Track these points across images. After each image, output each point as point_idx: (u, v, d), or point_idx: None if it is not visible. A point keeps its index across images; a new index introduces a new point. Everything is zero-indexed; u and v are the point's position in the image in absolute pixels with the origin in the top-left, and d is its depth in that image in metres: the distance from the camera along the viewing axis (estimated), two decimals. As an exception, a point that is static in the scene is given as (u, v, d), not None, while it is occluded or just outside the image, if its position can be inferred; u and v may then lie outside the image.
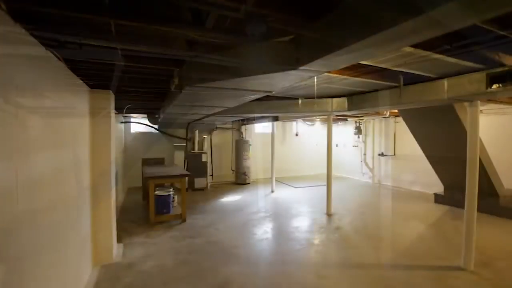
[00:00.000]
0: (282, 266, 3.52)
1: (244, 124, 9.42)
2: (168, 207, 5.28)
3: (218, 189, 8.54)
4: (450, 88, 3.32)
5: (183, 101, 3.38)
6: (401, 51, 2.43)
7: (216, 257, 3.77)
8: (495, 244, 4.16)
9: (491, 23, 1.85)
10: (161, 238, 4.39)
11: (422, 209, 6.09)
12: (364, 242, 4.28)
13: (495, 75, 2.83)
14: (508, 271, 3.35)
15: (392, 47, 1.47)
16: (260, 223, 5.19)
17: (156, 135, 8.90)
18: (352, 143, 10.35)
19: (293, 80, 2.15)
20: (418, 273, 3.33)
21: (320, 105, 4.96)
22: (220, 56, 2.34)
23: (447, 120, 5.17)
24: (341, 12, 1.38)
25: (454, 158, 5.62)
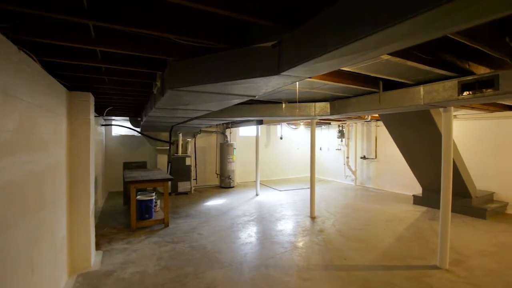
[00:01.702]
0: (265, 269, 3.53)
1: (229, 128, 9.40)
2: (150, 212, 5.16)
3: (202, 193, 8.45)
4: (426, 95, 3.47)
5: (166, 104, 3.33)
6: (379, 58, 2.52)
7: (199, 262, 3.72)
8: (468, 243, 4.36)
9: (461, 35, 1.96)
10: (143, 244, 4.28)
11: (402, 211, 6.29)
12: (347, 244, 4.36)
13: (466, 83, 2.99)
14: (480, 269, 3.52)
15: (370, 55, 1.52)
16: (244, 227, 5.18)
17: (139, 138, 8.71)
18: (336, 147, 10.56)
19: (275, 85, 2.18)
20: (397, 273, 3.43)
21: (304, 109, 5.04)
22: (202, 60, 2.34)
23: (424, 124, 5.40)
24: (320, 20, 1.42)
25: (430, 161, 5.86)
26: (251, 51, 2.05)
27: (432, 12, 0.91)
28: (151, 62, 2.87)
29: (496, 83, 2.70)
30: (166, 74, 2.74)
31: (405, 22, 1.01)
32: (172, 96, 2.80)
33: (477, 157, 6.46)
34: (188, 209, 6.45)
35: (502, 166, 6.17)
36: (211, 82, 2.30)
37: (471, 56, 2.99)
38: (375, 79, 3.79)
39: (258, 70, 1.94)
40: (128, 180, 4.86)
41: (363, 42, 1.23)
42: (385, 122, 6.37)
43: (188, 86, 2.40)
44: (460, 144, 6.29)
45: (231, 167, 9.11)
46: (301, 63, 1.56)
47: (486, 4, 0.89)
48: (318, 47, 1.41)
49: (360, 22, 1.18)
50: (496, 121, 6.29)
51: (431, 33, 1.16)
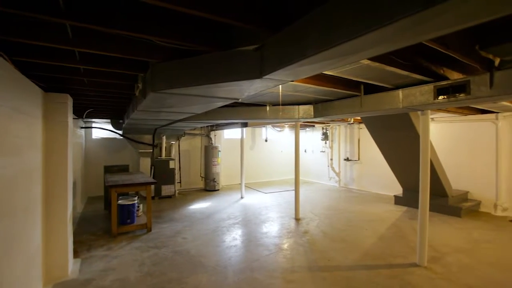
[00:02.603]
0: (250, 272, 3.51)
1: (214, 130, 9.34)
2: (132, 217, 5.02)
3: (187, 196, 8.33)
4: (405, 98, 3.60)
5: (148, 107, 3.27)
6: (360, 63, 2.59)
7: (183, 267, 3.65)
8: (445, 240, 4.54)
9: (435, 42, 2.05)
10: (124, 250, 4.16)
11: (383, 211, 6.47)
12: (330, 245, 4.42)
13: (441, 88, 3.13)
14: (455, 265, 3.67)
15: (350, 60, 1.56)
16: (229, 230, 5.14)
17: (120, 141, 8.49)
18: (320, 149, 10.73)
19: (258, 88, 2.19)
20: (379, 272, 3.51)
21: (288, 112, 5.10)
22: (184, 63, 2.32)
23: (404, 127, 5.59)
24: (300, 25, 1.45)
25: (410, 162, 6.07)
26: (234, 54, 2.05)
27: (405, 21, 0.95)
28: (133, 63, 2.81)
29: (468, 88, 2.84)
30: (148, 76, 2.69)
31: (381, 30, 1.05)
32: (154, 98, 2.75)
33: (453, 158, 6.75)
34: (172, 213, 6.33)
35: (475, 167, 6.48)
36: (194, 85, 2.28)
37: (446, 62, 3.13)
38: (356, 83, 3.89)
39: (240, 73, 1.95)
40: (109, 184, 4.71)
41: (342, 48, 1.26)
42: (367, 125, 6.54)
43: (170, 88, 2.37)
44: (437, 146, 6.55)
45: (216, 170, 9.05)
46: (283, 67, 1.58)
47: (453, 14, 0.94)
48: (299, 52, 1.44)
49: (339, 28, 1.21)
50: (469, 124, 6.61)
51: (405, 40, 1.21)
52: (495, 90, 2.63)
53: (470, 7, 0.88)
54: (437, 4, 0.85)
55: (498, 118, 6.08)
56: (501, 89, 2.59)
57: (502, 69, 2.58)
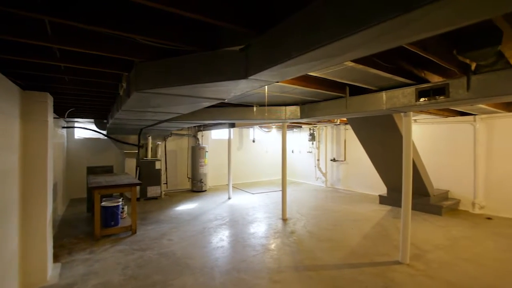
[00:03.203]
0: (237, 273, 3.50)
1: (201, 130, 9.26)
2: (116, 219, 4.91)
3: (173, 197, 8.22)
4: (388, 100, 3.68)
5: (132, 106, 3.20)
6: (345, 65, 2.64)
7: (169, 269, 3.60)
8: (426, 238, 4.68)
9: (416, 46, 2.12)
10: (108, 253, 4.06)
11: (369, 210, 6.60)
12: (317, 245, 4.47)
13: (422, 90, 3.23)
14: (436, 261, 3.79)
15: (333, 61, 1.59)
16: (216, 231, 5.11)
17: (104, 141, 8.28)
18: (307, 149, 10.83)
19: (244, 89, 2.19)
20: (363, 270, 3.58)
21: (275, 113, 5.12)
22: (170, 63, 2.29)
23: (387, 128, 5.72)
24: (285, 26, 1.46)
25: (393, 162, 6.22)
26: (219, 55, 2.04)
27: (385, 24, 0.98)
28: (117, 62, 2.75)
29: (447, 91, 2.95)
30: (132, 76, 2.64)
31: (362, 32, 1.07)
32: (139, 98, 2.70)
33: (434, 159, 6.97)
34: (157, 215, 6.23)
35: (455, 167, 6.73)
36: (179, 85, 2.25)
37: (427, 65, 3.25)
38: (342, 85, 3.95)
39: (226, 74, 1.94)
40: (92, 186, 4.58)
41: (325, 50, 1.28)
42: (352, 126, 6.66)
43: (155, 88, 2.33)
44: (420, 147, 6.75)
45: (203, 171, 8.97)
46: (268, 67, 1.59)
47: (430, 18, 0.97)
48: (283, 53, 1.45)
49: (322, 30, 1.23)
50: (449, 125, 6.85)
51: (386, 43, 1.24)
52: (472, 93, 2.73)
53: (446, 12, 0.92)
54: (415, 9, 0.87)
55: (476, 120, 6.33)
56: (477, 93, 2.70)
57: (478, 73, 2.69)
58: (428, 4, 0.84)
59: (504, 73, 2.50)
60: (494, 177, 6.18)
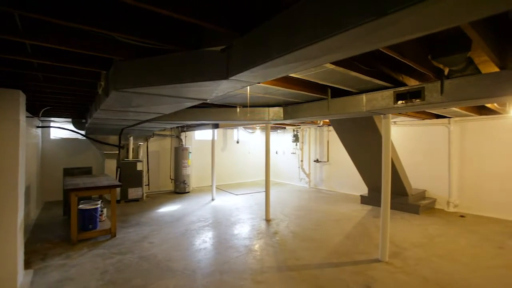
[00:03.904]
0: (219, 275, 3.48)
1: (184, 131, 9.13)
2: (95, 222, 4.74)
3: (155, 199, 8.05)
4: (368, 102, 3.79)
5: (111, 106, 3.11)
6: (325, 67, 2.69)
7: (149, 273, 3.52)
8: (404, 236, 4.84)
9: (393, 51, 2.19)
10: (85, 258, 3.91)
11: (350, 210, 6.75)
12: (299, 245, 4.52)
13: (400, 93, 3.35)
14: (413, 258, 3.93)
15: (313, 63, 1.61)
16: (199, 233, 5.05)
17: (83, 142, 7.99)
18: (291, 151, 10.94)
19: (226, 89, 2.18)
20: (344, 269, 3.65)
21: (258, 114, 5.13)
22: (150, 61, 2.25)
23: (368, 129, 5.88)
24: (265, 28, 1.47)
25: (374, 163, 6.40)
26: (201, 54, 2.03)
27: (360, 28, 1.00)
28: (96, 60, 2.66)
29: (423, 94, 3.07)
30: (110, 74, 2.57)
31: (339, 35, 1.09)
32: (118, 97, 2.63)
33: (413, 159, 7.24)
34: (138, 217, 6.07)
35: (432, 167, 7.01)
36: (160, 84, 2.21)
37: (404, 69, 3.37)
38: (324, 87, 4.03)
39: (207, 74, 1.93)
40: (68, 188, 4.40)
41: (305, 51, 1.30)
42: (334, 127, 6.79)
43: (134, 87, 2.27)
44: (399, 148, 6.99)
45: (186, 172, 8.85)
46: (248, 68, 1.59)
47: (403, 24, 1.01)
48: (264, 54, 1.45)
49: (301, 33, 1.25)
50: (426, 128, 7.14)
51: (362, 46, 1.28)
52: (445, 97, 2.86)
53: (416, 19, 0.96)
54: (387, 14, 0.90)
55: (450, 122, 6.63)
56: (450, 96, 2.83)
57: (450, 78, 2.82)
58: (399, 11, 0.87)
59: (473, 78, 2.64)
60: (466, 177, 6.50)
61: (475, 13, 0.91)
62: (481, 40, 1.82)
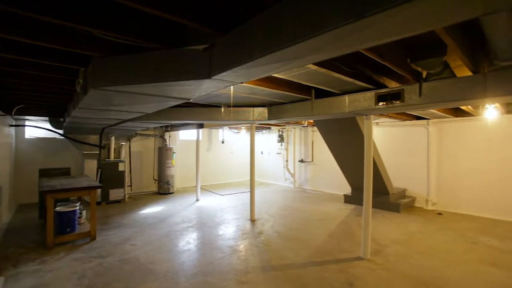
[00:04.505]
0: (203, 276, 3.44)
1: (168, 131, 8.97)
2: (73, 225, 4.57)
3: (138, 200, 7.86)
4: (350, 103, 3.86)
5: (90, 104, 3.01)
6: (308, 68, 2.71)
7: (130, 276, 3.42)
8: (386, 234, 4.98)
9: (373, 53, 2.24)
10: (62, 262, 3.75)
11: (334, 209, 6.86)
12: (284, 244, 4.54)
13: (381, 95, 3.43)
14: (393, 255, 4.05)
15: (295, 64, 1.62)
16: (183, 234, 4.97)
17: (61, 142, 7.68)
18: (276, 151, 10.99)
19: (208, 88, 2.16)
20: (327, 267, 3.70)
21: (243, 114, 5.12)
22: (130, 59, 2.19)
23: (351, 130, 6.00)
24: (247, 28, 1.46)
25: (356, 162, 6.54)
26: (183, 53, 1.99)
27: (339, 30, 1.02)
28: (73, 56, 2.56)
29: (402, 96, 3.16)
30: (89, 71, 2.48)
31: (319, 37, 1.10)
32: (96, 95, 2.54)
33: (394, 159, 7.45)
34: (120, 219, 5.91)
35: (412, 167, 7.25)
36: (141, 83, 2.16)
37: (385, 72, 3.46)
38: (308, 88, 4.07)
39: (189, 73, 1.90)
40: (44, 190, 4.21)
41: (286, 52, 1.30)
42: (318, 128, 6.89)
43: (114, 85, 2.21)
44: (380, 148, 7.17)
45: (170, 172, 8.70)
46: (231, 68, 1.58)
47: (380, 27, 1.03)
48: (246, 54, 1.45)
49: (282, 33, 1.25)
50: (407, 128, 7.38)
51: (342, 48, 1.30)
52: (423, 99, 2.96)
53: (392, 22, 0.98)
54: (364, 17, 0.92)
55: (429, 123, 6.88)
56: (428, 98, 2.93)
57: (428, 80, 2.92)
58: (375, 14, 0.89)
59: (449, 81, 2.75)
60: (444, 176, 6.77)
61: (445, 19, 0.94)
62: (455, 46, 1.90)
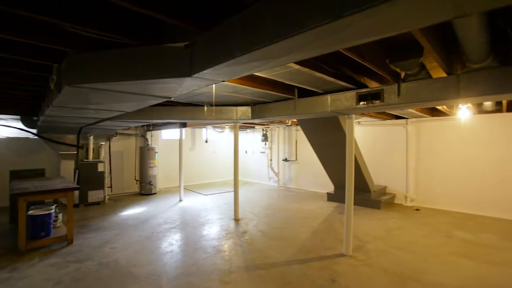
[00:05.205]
0: (186, 278, 3.38)
1: (150, 130, 8.77)
2: (48, 229, 4.36)
3: (119, 202, 7.63)
4: (332, 103, 3.92)
5: (64, 102, 2.87)
6: (291, 67, 2.73)
7: (110, 280, 3.31)
8: (367, 230, 5.11)
9: (353, 53, 2.28)
10: (35, 269, 3.57)
11: (317, 207, 6.96)
12: (268, 243, 4.55)
13: (362, 94, 3.51)
14: (374, 251, 4.16)
15: (276, 62, 1.62)
16: (165, 236, 4.88)
17: (34, 141, 7.31)
18: (260, 150, 11.01)
19: (190, 87, 2.12)
20: (311, 265, 3.75)
21: (226, 113, 5.09)
22: (107, 55, 2.11)
23: (333, 129, 6.10)
24: (228, 26, 1.44)
25: (339, 161, 6.66)
26: (163, 50, 1.94)
27: (318, 30, 1.02)
28: (47, 52, 2.43)
29: (382, 96, 3.25)
30: (63, 68, 2.36)
31: (298, 36, 1.10)
32: (71, 93, 2.43)
33: (375, 157, 7.66)
34: (100, 221, 5.71)
35: (391, 165, 7.49)
36: (118, 80, 2.08)
37: (366, 72, 3.54)
38: (291, 87, 4.10)
39: (170, 71, 1.85)
40: (15, 193, 3.99)
41: (267, 50, 1.29)
42: (302, 127, 6.95)
43: (89, 82, 2.12)
44: (362, 147, 7.35)
45: (152, 173, 8.51)
46: (211, 66, 1.55)
47: (358, 27, 1.04)
48: (226, 52, 1.43)
49: (262, 32, 1.24)
50: (387, 128, 7.61)
51: (322, 47, 1.30)
52: (402, 99, 3.06)
53: (369, 23, 0.99)
54: (342, 17, 0.93)
55: (408, 123, 7.13)
56: (406, 98, 3.03)
57: (406, 81, 3.02)
58: (353, 14, 0.89)
59: (425, 82, 2.85)
60: (421, 174, 7.04)
61: (418, 21, 0.97)
62: (431, 48, 1.97)
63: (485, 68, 2.43)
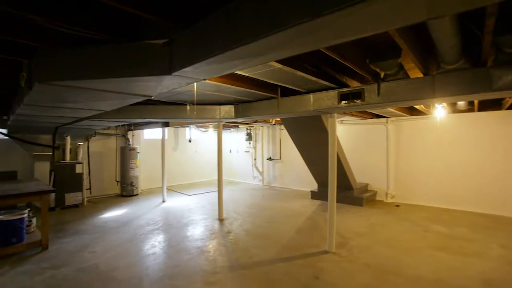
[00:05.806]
0: (169, 280, 3.31)
1: (131, 130, 8.53)
2: (20, 234, 4.14)
3: (98, 204, 7.37)
4: (315, 102, 3.97)
5: (36, 101, 2.72)
6: (273, 66, 2.72)
7: (89, 286, 3.19)
8: (350, 227, 5.22)
9: (334, 53, 2.31)
10: (6, 277, 3.38)
11: (301, 205, 7.03)
12: (252, 242, 4.55)
13: (343, 94, 3.57)
14: (356, 247, 4.25)
15: (257, 61, 1.60)
16: (148, 238, 4.76)
17: (4, 142, 6.90)
18: (244, 149, 10.98)
19: (170, 85, 2.06)
20: (295, 263, 3.78)
21: (209, 112, 5.02)
22: (82, 52, 2.02)
23: (316, 128, 6.17)
24: (208, 23, 1.41)
25: (322, 159, 6.76)
26: (141, 47, 1.88)
27: (297, 28, 1.01)
28: (16, 47, 2.28)
29: (363, 95, 3.32)
30: (33, 64, 2.24)
31: (278, 34, 1.09)
32: (44, 91, 2.31)
33: (357, 156, 7.83)
34: (78, 225, 5.49)
35: (373, 162, 7.69)
36: (94, 78, 1.99)
37: (347, 72, 3.60)
38: (274, 86, 4.10)
39: (148, 68, 1.79)
40: (-16, 197, 3.76)
41: (246, 48, 1.28)
42: (285, 126, 6.99)
43: (63, 80, 2.02)
44: (344, 145, 7.49)
45: (134, 173, 8.28)
46: (191, 64, 1.51)
47: (338, 26, 1.04)
48: (206, 50, 1.40)
49: (242, 30, 1.22)
50: (368, 126, 7.80)
51: (302, 46, 1.30)
52: (381, 98, 3.13)
53: (350, 21, 1.00)
54: (320, 16, 0.93)
55: (388, 122, 7.34)
56: (385, 98, 3.11)
57: (385, 81, 3.10)
58: (333, 13, 0.90)
59: (403, 82, 2.94)
60: (401, 171, 7.27)
61: (394, 22, 0.99)
62: (408, 49, 2.02)
63: (458, 70, 2.53)
